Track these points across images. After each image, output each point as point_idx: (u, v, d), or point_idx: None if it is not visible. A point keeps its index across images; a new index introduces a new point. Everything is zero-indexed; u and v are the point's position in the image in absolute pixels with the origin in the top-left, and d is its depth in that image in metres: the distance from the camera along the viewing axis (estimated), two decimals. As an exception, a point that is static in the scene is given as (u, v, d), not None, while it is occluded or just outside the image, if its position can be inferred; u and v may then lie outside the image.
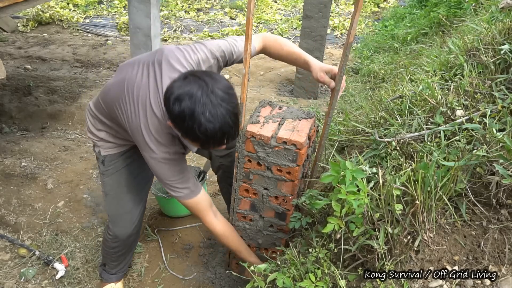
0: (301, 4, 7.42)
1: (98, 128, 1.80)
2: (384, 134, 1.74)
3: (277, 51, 1.77)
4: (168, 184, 1.64)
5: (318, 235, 1.56)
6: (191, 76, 1.36)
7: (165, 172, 1.61)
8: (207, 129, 1.32)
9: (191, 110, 1.31)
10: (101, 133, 1.80)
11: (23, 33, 6.10)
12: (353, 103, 3.46)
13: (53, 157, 3.24)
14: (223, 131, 1.34)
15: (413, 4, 5.64)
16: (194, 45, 1.61)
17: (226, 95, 1.35)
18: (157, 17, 3.65)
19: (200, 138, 1.35)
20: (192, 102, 1.30)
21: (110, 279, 2.15)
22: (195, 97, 1.31)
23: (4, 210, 2.67)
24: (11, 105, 3.86)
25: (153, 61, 1.56)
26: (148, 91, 1.52)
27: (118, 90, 1.60)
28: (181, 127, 1.36)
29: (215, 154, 2.16)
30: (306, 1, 3.86)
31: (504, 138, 1.25)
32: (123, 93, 1.58)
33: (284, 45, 1.76)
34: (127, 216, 1.92)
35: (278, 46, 1.76)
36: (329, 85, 1.63)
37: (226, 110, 1.33)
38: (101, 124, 1.79)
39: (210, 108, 1.31)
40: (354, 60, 5.06)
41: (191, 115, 1.31)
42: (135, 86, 1.54)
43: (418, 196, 1.25)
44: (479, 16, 2.74)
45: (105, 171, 1.86)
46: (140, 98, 1.53)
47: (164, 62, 1.54)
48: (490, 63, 1.75)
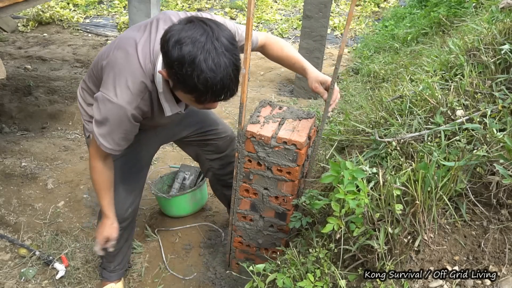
0: (301, 4, 7.42)
1: (88, 103, 1.70)
2: (384, 134, 1.74)
3: (277, 53, 1.76)
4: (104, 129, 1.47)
5: (318, 235, 1.56)
6: (195, 19, 1.25)
7: (110, 119, 1.43)
8: (208, 78, 1.21)
9: (192, 56, 1.20)
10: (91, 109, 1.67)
11: (23, 33, 6.10)
12: (353, 103, 3.46)
13: (53, 157, 3.24)
14: (223, 84, 1.24)
15: (413, 4, 5.64)
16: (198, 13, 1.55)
17: (231, 45, 1.25)
18: (157, 17, 3.65)
19: (197, 88, 1.24)
20: (195, 47, 1.20)
21: (110, 277, 2.15)
22: (198, 42, 1.20)
23: (4, 210, 2.67)
24: (11, 105, 3.86)
25: (151, 21, 1.50)
26: (139, 40, 1.43)
27: (109, 46, 1.54)
28: (178, 74, 1.24)
29: (205, 157, 2.15)
30: (306, 1, 3.86)
31: (505, 138, 1.25)
32: (113, 45, 1.51)
33: (285, 48, 1.76)
34: (120, 202, 1.88)
35: (279, 47, 1.75)
36: (323, 96, 1.64)
37: (229, 60, 1.23)
38: (91, 97, 1.69)
39: (213, 56, 1.21)
40: (354, 60, 5.06)
41: (191, 61, 1.20)
42: (127, 38, 1.46)
43: (418, 196, 1.25)
44: (479, 16, 2.74)
45: None
46: (128, 45, 1.43)
47: (162, 19, 1.48)
48: (490, 63, 1.75)
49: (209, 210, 2.76)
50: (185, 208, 2.61)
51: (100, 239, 1.78)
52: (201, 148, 2.11)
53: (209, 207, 2.78)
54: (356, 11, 7.36)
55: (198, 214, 2.70)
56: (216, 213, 2.72)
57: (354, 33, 6.25)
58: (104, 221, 1.77)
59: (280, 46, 1.76)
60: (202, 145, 2.09)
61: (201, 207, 2.71)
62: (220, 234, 2.54)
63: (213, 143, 2.08)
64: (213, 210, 2.75)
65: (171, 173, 2.78)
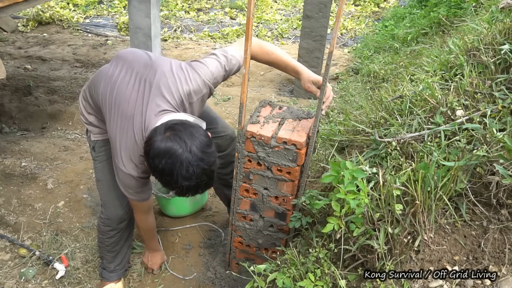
0: (301, 4, 7.42)
1: (88, 112, 1.86)
2: (384, 134, 1.74)
3: (265, 59, 1.77)
4: (125, 189, 1.76)
5: (318, 235, 1.56)
6: (171, 132, 1.44)
7: (128, 183, 1.72)
8: (183, 186, 1.46)
9: (170, 169, 1.42)
10: (91, 117, 1.85)
11: (23, 33, 6.10)
12: (353, 103, 3.46)
13: (53, 157, 3.24)
14: (198, 186, 1.48)
15: (413, 4, 5.63)
16: (189, 72, 1.61)
17: (204, 155, 1.45)
18: (157, 17, 3.65)
19: (177, 191, 1.50)
20: (172, 162, 1.41)
21: (110, 277, 2.15)
22: (174, 157, 1.41)
23: (4, 210, 2.67)
24: (11, 105, 3.86)
25: (145, 78, 1.61)
26: (134, 113, 1.60)
27: (108, 89, 1.66)
28: (159, 178, 1.50)
29: None
30: (306, 1, 3.86)
31: (504, 138, 1.25)
32: (112, 96, 1.65)
33: (271, 53, 1.75)
34: (118, 201, 1.95)
35: (265, 53, 1.75)
36: (316, 95, 1.66)
37: (202, 169, 1.44)
38: (90, 108, 1.84)
39: (187, 167, 1.41)
40: (354, 60, 5.06)
41: (169, 173, 1.43)
42: (124, 97, 1.62)
43: (418, 196, 1.25)
44: (479, 16, 2.73)
45: (96, 157, 1.92)
46: (125, 113, 1.61)
47: (154, 87, 1.59)
48: (490, 63, 1.75)
49: (209, 210, 2.76)
50: (185, 208, 2.61)
51: (156, 267, 2.26)
52: None
53: (209, 207, 2.78)
54: (356, 11, 7.36)
55: (198, 214, 2.70)
56: (216, 213, 2.72)
57: (354, 33, 6.25)
58: (155, 254, 2.25)
59: (267, 52, 1.75)
60: None
61: (201, 207, 2.71)
62: (220, 234, 2.54)
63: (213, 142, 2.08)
64: (213, 210, 2.75)
65: (171, 173, 2.78)
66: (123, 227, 2.04)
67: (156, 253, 2.24)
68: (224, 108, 4.04)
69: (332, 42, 1.43)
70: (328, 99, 1.65)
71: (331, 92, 1.68)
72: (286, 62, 1.77)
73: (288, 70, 1.79)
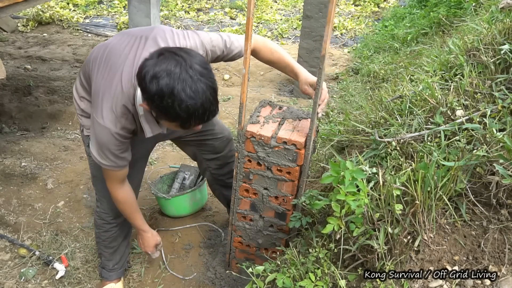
0: (301, 4, 7.42)
1: (81, 95, 1.77)
2: (384, 134, 1.74)
3: (267, 56, 1.77)
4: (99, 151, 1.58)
5: (318, 235, 1.56)
6: (166, 52, 1.30)
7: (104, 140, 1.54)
8: (189, 106, 1.28)
9: (170, 88, 1.25)
10: (83, 103, 1.76)
11: (23, 33, 6.10)
12: (353, 103, 3.46)
13: (53, 157, 3.24)
14: (205, 108, 1.31)
15: (413, 4, 5.63)
16: (188, 31, 1.60)
17: (205, 70, 1.31)
18: (157, 17, 3.65)
19: (181, 116, 1.31)
20: (171, 79, 1.25)
21: (110, 277, 2.15)
22: (173, 74, 1.25)
23: (4, 210, 2.67)
24: (11, 105, 3.86)
25: (142, 35, 1.55)
26: (125, 62, 1.49)
27: (101, 51, 1.60)
28: (159, 106, 1.30)
29: (203, 157, 2.16)
30: (306, 1, 3.86)
31: (504, 138, 1.25)
32: (103, 55, 1.56)
33: (275, 51, 1.76)
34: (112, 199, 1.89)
35: (269, 50, 1.76)
36: (312, 97, 1.65)
37: (206, 85, 1.29)
38: (83, 89, 1.75)
39: (190, 84, 1.26)
40: (354, 60, 5.06)
41: (170, 93, 1.26)
42: (115, 52, 1.53)
43: (418, 196, 1.25)
44: (479, 16, 2.73)
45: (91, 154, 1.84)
46: (114, 65, 1.51)
47: (150, 38, 1.53)
48: (490, 63, 1.75)
49: (209, 210, 2.76)
50: (185, 208, 2.61)
51: (151, 250, 2.02)
52: (198, 148, 2.11)
53: (209, 207, 2.78)
54: (356, 11, 7.36)
55: (198, 214, 2.70)
56: (216, 213, 2.72)
57: (354, 33, 6.25)
58: (145, 235, 1.97)
59: (270, 49, 1.76)
60: (199, 145, 2.10)
61: (201, 207, 2.71)
62: (220, 234, 2.54)
63: (209, 143, 2.08)
64: (213, 210, 2.75)
65: (171, 173, 2.78)
66: (119, 222, 2.03)
67: (145, 235, 1.97)
68: (224, 108, 4.04)
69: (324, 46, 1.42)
70: (323, 102, 1.65)
71: (326, 95, 1.67)
72: (287, 62, 1.77)
73: (287, 70, 1.79)
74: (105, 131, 1.51)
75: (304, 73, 1.72)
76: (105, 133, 1.51)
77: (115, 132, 1.51)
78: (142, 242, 2.01)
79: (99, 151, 1.58)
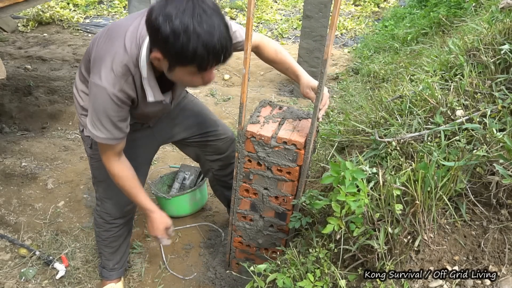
0: (301, 4, 7.42)
1: (80, 89, 1.70)
2: (384, 134, 1.74)
3: (271, 56, 1.77)
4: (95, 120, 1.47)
5: (318, 235, 1.56)
6: None
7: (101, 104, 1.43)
8: (207, 42, 1.21)
9: (185, 25, 1.19)
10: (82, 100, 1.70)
11: (23, 33, 6.10)
12: (353, 103, 3.46)
13: (53, 157, 3.24)
14: (221, 43, 1.25)
15: (413, 4, 5.63)
16: None
17: (216, 7, 1.26)
18: (157, 17, 3.66)
19: (198, 54, 1.23)
20: (185, 16, 1.19)
21: (110, 276, 2.15)
22: (187, 10, 1.19)
23: (4, 210, 2.67)
24: (11, 105, 3.86)
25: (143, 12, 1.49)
26: (127, 28, 1.44)
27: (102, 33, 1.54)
28: (175, 46, 1.22)
29: (206, 158, 2.15)
30: (306, 1, 3.86)
31: (504, 138, 1.25)
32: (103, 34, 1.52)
33: (279, 52, 1.76)
34: (115, 199, 1.91)
35: (273, 50, 1.76)
36: (313, 101, 1.64)
37: (220, 19, 1.24)
38: (82, 83, 1.68)
39: (205, 19, 1.20)
40: (354, 60, 5.06)
41: (185, 29, 1.19)
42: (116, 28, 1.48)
43: (418, 196, 1.25)
44: (479, 16, 2.74)
45: (92, 155, 1.82)
46: (116, 34, 1.45)
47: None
48: (490, 63, 1.75)
49: (209, 210, 2.76)
50: (185, 208, 2.61)
51: (161, 234, 1.77)
52: (201, 149, 2.11)
53: (209, 207, 2.78)
54: (356, 11, 7.36)
55: (198, 214, 2.70)
56: (216, 213, 2.73)
57: (354, 33, 6.25)
58: (152, 216, 1.75)
59: (274, 49, 1.76)
60: (202, 146, 2.09)
61: (201, 207, 2.71)
62: (220, 234, 2.54)
63: (213, 144, 2.08)
64: (213, 210, 2.75)
65: (171, 173, 2.78)
66: (122, 223, 2.03)
67: (152, 215, 1.75)
68: (224, 108, 4.04)
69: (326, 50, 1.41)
70: (324, 107, 1.64)
71: (327, 100, 1.66)
72: (289, 64, 1.76)
73: (289, 72, 1.78)
74: (102, 92, 1.40)
75: (306, 77, 1.71)
76: (102, 94, 1.41)
77: (112, 93, 1.41)
78: (150, 225, 1.79)
79: (95, 120, 1.47)
